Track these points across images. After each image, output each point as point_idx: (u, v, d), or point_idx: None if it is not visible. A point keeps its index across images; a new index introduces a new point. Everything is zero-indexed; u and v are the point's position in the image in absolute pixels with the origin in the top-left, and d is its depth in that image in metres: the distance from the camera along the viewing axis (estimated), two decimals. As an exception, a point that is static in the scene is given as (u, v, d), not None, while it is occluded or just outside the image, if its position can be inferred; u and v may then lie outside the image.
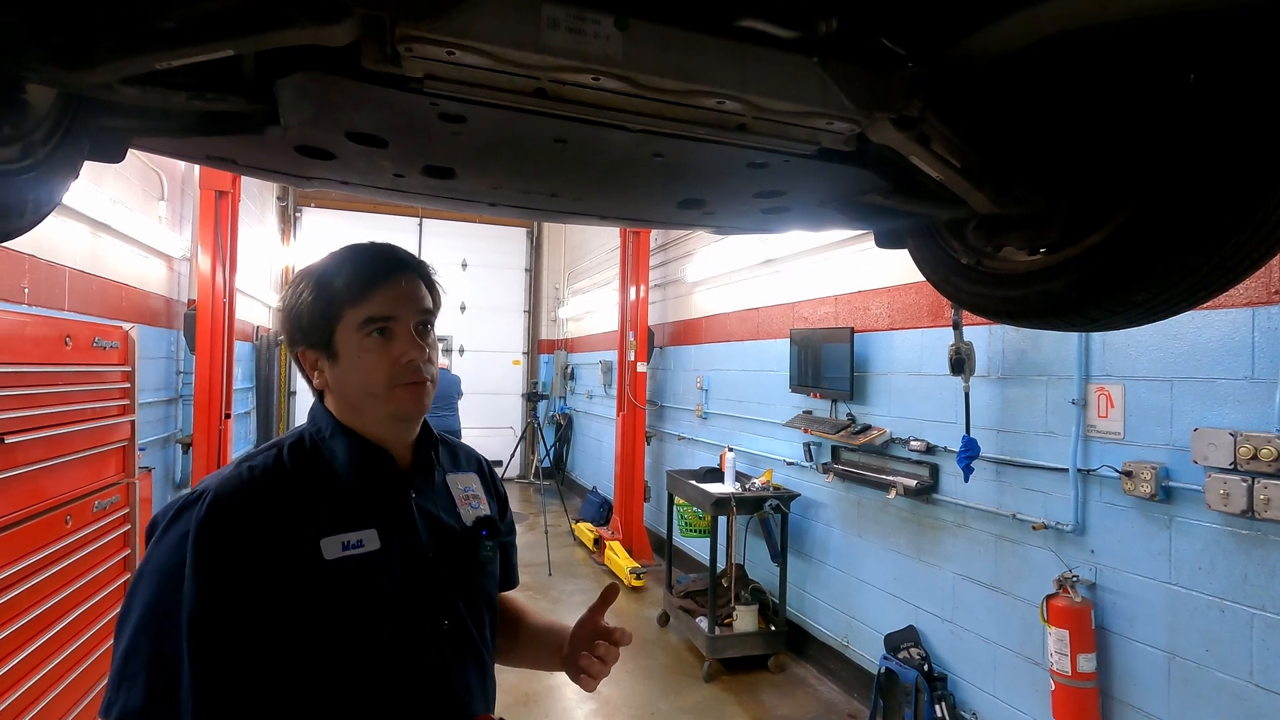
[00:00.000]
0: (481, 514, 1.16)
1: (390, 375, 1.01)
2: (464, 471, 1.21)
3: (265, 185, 8.88)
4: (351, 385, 1.03)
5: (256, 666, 0.90)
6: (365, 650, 0.97)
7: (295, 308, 1.04)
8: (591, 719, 3.80)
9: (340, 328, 1.01)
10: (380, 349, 1.01)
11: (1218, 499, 2.19)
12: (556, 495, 8.93)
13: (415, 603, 1.02)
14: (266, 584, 0.91)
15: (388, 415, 1.04)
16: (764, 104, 1.00)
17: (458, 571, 1.09)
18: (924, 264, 1.58)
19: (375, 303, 1.01)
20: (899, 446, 3.70)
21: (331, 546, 0.96)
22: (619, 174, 1.30)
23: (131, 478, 2.81)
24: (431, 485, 1.13)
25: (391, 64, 0.90)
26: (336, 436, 1.04)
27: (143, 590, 0.90)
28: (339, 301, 1.01)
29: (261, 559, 0.91)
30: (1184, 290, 1.07)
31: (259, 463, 0.99)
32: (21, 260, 3.26)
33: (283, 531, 0.94)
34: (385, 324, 1.01)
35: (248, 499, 0.94)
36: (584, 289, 9.86)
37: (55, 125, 0.95)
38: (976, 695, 3.23)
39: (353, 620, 0.96)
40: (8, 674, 1.99)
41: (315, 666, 0.94)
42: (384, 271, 1.04)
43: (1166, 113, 1.05)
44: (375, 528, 1.00)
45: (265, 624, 0.90)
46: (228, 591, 0.89)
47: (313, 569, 0.94)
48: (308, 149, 1.18)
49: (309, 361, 1.06)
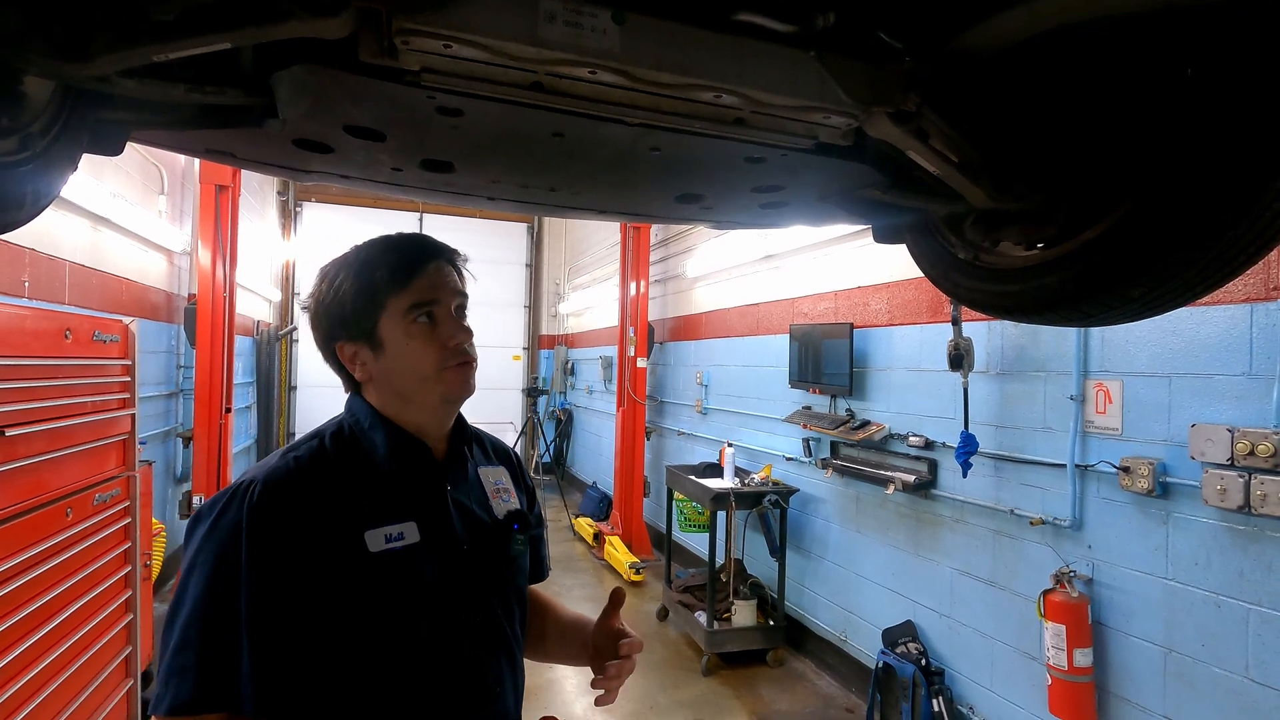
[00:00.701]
0: (512, 508, 1.17)
1: (440, 358, 1.03)
2: (493, 465, 1.22)
3: (265, 180, 8.87)
4: (402, 372, 1.04)
5: (306, 648, 0.92)
6: (403, 641, 0.98)
7: (334, 301, 1.05)
8: (590, 713, 3.82)
9: (384, 316, 1.03)
10: (427, 334, 1.03)
11: (1215, 494, 2.20)
12: (556, 490, 8.94)
13: (450, 595, 1.04)
14: (317, 572, 0.93)
15: (439, 398, 1.06)
16: (761, 98, 1.01)
17: (490, 565, 1.10)
18: (922, 259, 1.58)
19: (418, 289, 1.03)
20: (898, 442, 3.71)
21: (375, 539, 0.97)
22: (617, 168, 1.30)
23: (132, 471, 2.81)
24: (465, 477, 1.14)
25: (388, 57, 0.90)
26: (376, 428, 1.06)
27: (195, 582, 0.90)
28: (383, 290, 1.03)
29: (312, 547, 0.93)
30: (1181, 285, 1.07)
31: (304, 452, 1.01)
32: (22, 254, 3.27)
33: (330, 521, 0.96)
34: (430, 308, 1.04)
35: (297, 488, 0.96)
36: (584, 284, 9.86)
37: (54, 117, 0.95)
38: (974, 690, 3.24)
39: (393, 612, 0.98)
40: (8, 666, 2.00)
41: (356, 654, 0.95)
42: (422, 258, 1.06)
43: (1164, 107, 1.05)
44: (415, 520, 1.02)
45: (317, 611, 0.92)
46: (284, 579, 0.91)
47: (358, 560, 0.95)
48: (306, 142, 1.18)
49: (347, 355, 1.07)
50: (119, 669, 2.71)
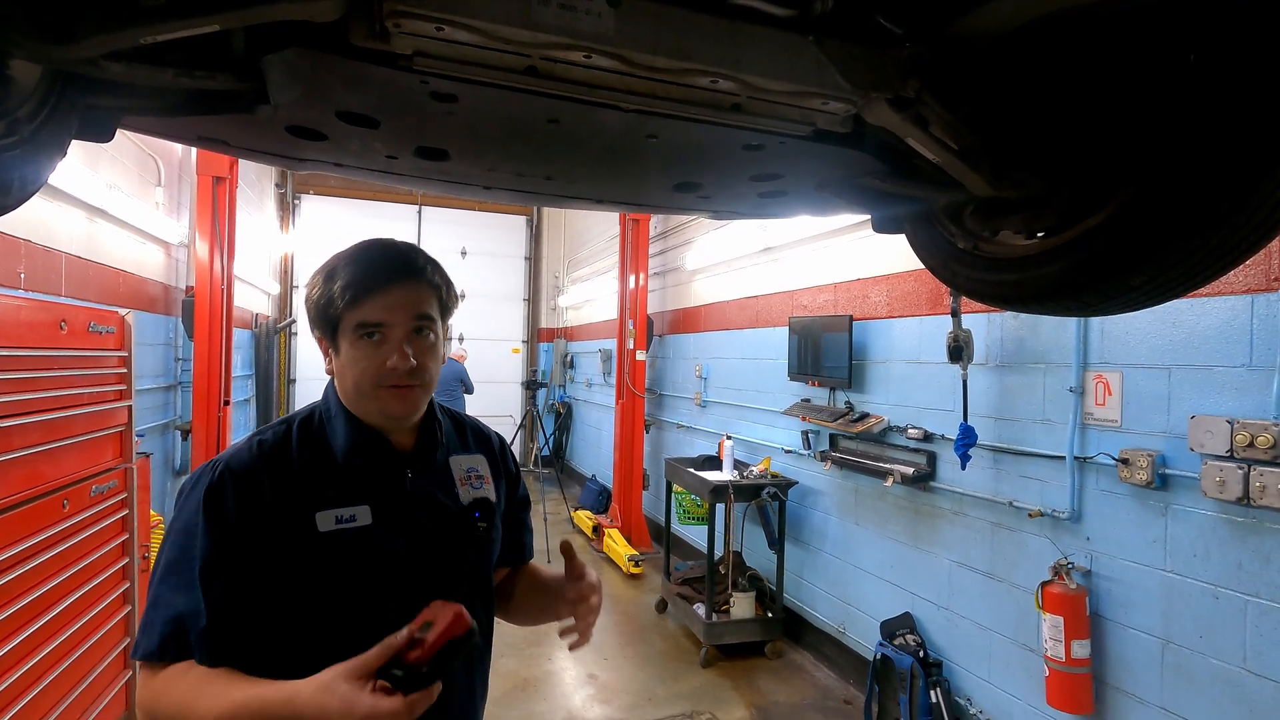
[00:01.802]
0: (480, 495, 1.21)
1: (376, 378, 1.07)
2: (471, 452, 1.26)
3: (263, 172, 8.84)
4: (347, 380, 1.10)
5: (258, 612, 1.00)
6: (354, 612, 1.04)
7: (309, 299, 1.12)
8: (589, 704, 3.83)
9: (341, 326, 1.08)
10: (370, 354, 1.07)
11: (1214, 486, 2.20)
12: (556, 483, 8.95)
13: (406, 575, 1.09)
14: (265, 545, 1.01)
15: (377, 412, 1.11)
16: (758, 83, 0.99)
17: (450, 548, 1.16)
18: (921, 249, 1.57)
19: (366, 309, 1.06)
20: (897, 434, 3.70)
21: (325, 520, 1.04)
22: (614, 156, 1.29)
23: (129, 463, 2.81)
24: (432, 466, 1.18)
25: (380, 40, 0.89)
26: (339, 418, 1.12)
27: (168, 548, 1.02)
28: (336, 304, 1.07)
29: (261, 522, 1.01)
30: (1181, 274, 1.06)
31: (269, 438, 1.09)
32: (18, 245, 3.25)
33: (282, 501, 1.03)
34: (376, 329, 1.07)
35: (253, 470, 1.04)
36: (583, 277, 9.84)
37: (41, 102, 0.93)
38: (971, 681, 3.25)
39: (345, 588, 1.05)
40: (6, 656, 2.00)
41: (309, 622, 1.03)
42: (382, 280, 1.07)
43: (1166, 93, 1.04)
44: (368, 504, 1.08)
45: (266, 578, 1.01)
46: (231, 546, 0.99)
47: (307, 538, 1.03)
48: (299, 129, 1.17)
49: (322, 347, 1.14)
50: (117, 660, 2.72)
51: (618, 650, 4.54)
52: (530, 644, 4.49)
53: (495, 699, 3.80)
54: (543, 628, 3.99)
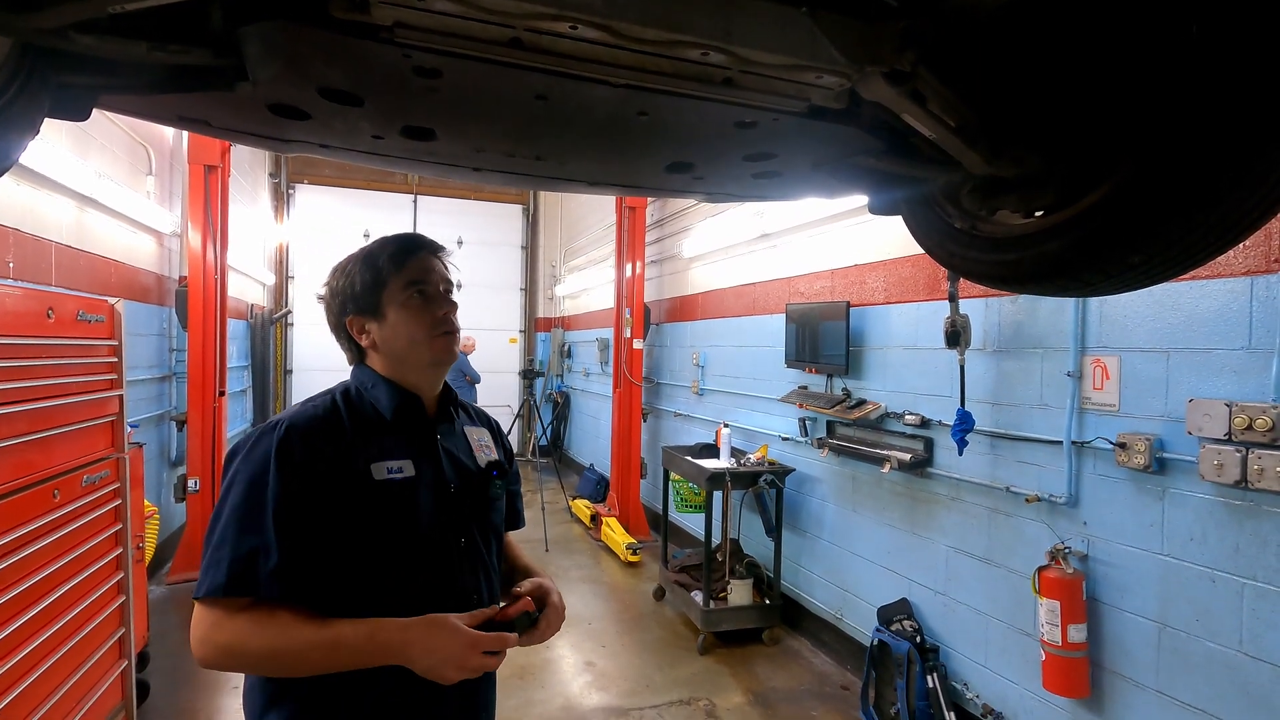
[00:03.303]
0: (493, 459, 1.40)
1: (431, 325, 1.26)
2: (477, 426, 1.45)
3: (256, 161, 8.77)
4: (399, 336, 1.26)
5: (324, 553, 1.11)
6: (400, 553, 1.19)
7: (347, 283, 1.28)
8: (587, 690, 3.84)
9: (386, 292, 1.26)
10: (420, 306, 1.26)
11: (1211, 470, 2.19)
12: (554, 472, 8.95)
13: (439, 521, 1.25)
14: (331, 490, 1.13)
15: (429, 360, 1.28)
16: (750, 56, 0.97)
17: (473, 502, 1.32)
18: (918, 230, 1.55)
19: (411, 269, 1.27)
20: (894, 421, 3.69)
21: (379, 470, 1.19)
22: (604, 135, 1.27)
23: (121, 453, 2.79)
24: (453, 431, 1.37)
25: (360, 12, 0.86)
26: (379, 386, 1.28)
27: (233, 495, 1.11)
28: (385, 271, 1.26)
29: (327, 473, 1.14)
30: (1181, 251, 1.04)
31: (320, 403, 1.23)
32: (6, 234, 3.22)
33: (342, 454, 1.17)
34: (421, 286, 1.27)
35: (315, 427, 1.18)
36: (580, 266, 9.80)
37: (10, 78, 0.91)
38: (968, 666, 3.26)
39: (393, 528, 1.19)
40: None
41: (362, 561, 1.15)
42: (414, 248, 1.30)
43: (1165, 66, 1.01)
44: (411, 459, 1.24)
45: (331, 520, 1.12)
46: (304, 489, 1.11)
47: (365, 485, 1.17)
48: (282, 108, 1.14)
49: (356, 327, 1.29)
50: (112, 650, 2.71)
51: (615, 638, 4.54)
52: (528, 632, 4.50)
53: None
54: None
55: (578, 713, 3.61)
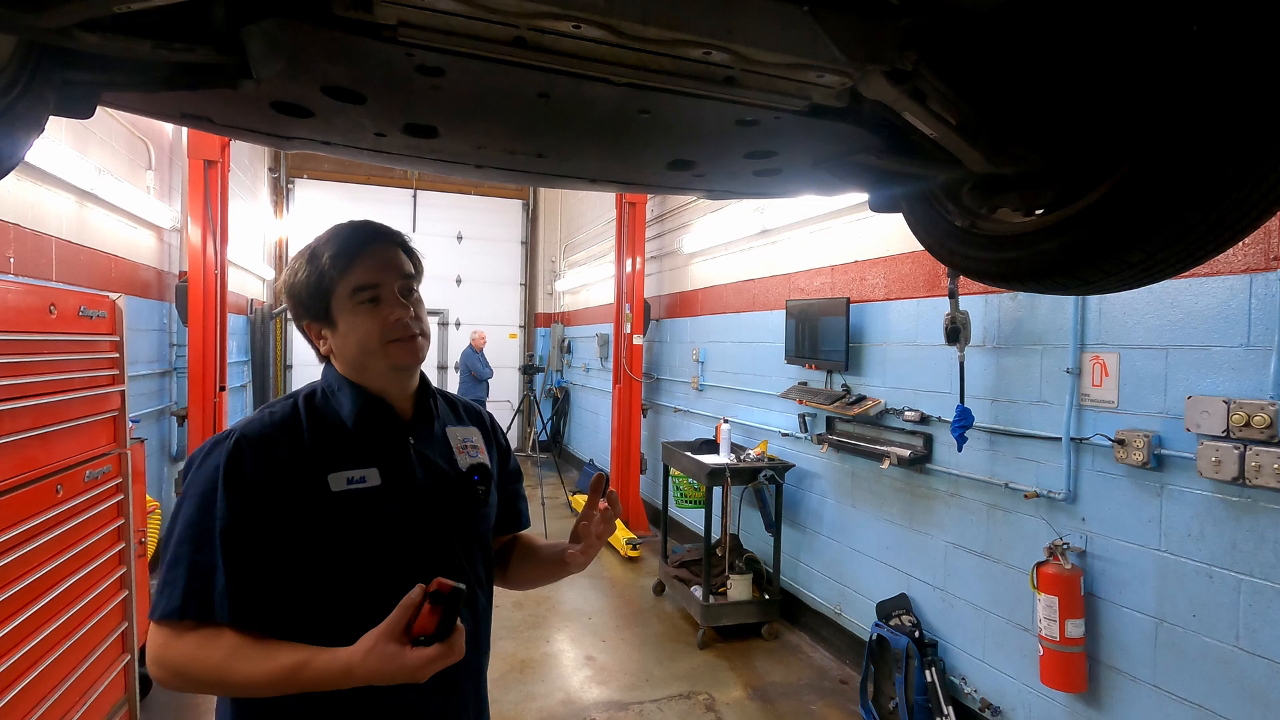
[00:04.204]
0: (477, 462, 1.28)
1: (383, 333, 1.14)
2: (464, 425, 1.34)
3: (256, 156, 8.75)
4: (352, 346, 1.16)
5: (277, 572, 1.04)
6: (367, 569, 1.10)
7: (294, 285, 1.17)
8: (587, 684, 3.86)
9: (334, 298, 1.14)
10: (370, 313, 1.14)
11: (1209, 466, 2.20)
12: (553, 468, 8.97)
13: (410, 534, 1.15)
14: (283, 506, 1.05)
15: (388, 368, 1.17)
16: (752, 54, 0.97)
17: (451, 510, 1.22)
18: (918, 227, 1.56)
19: (359, 272, 1.14)
20: (893, 417, 3.70)
21: (337, 480, 1.10)
22: (606, 132, 1.27)
23: (123, 448, 2.80)
24: (431, 434, 1.25)
25: (363, 10, 0.86)
26: (344, 390, 1.18)
27: (184, 512, 1.04)
28: (328, 275, 1.14)
29: (278, 485, 1.06)
30: (1182, 250, 1.04)
31: (279, 409, 1.15)
32: (7, 230, 3.22)
33: (296, 465, 1.08)
34: (372, 290, 1.14)
35: (268, 437, 1.09)
36: (580, 262, 9.80)
37: (15, 76, 0.91)
38: (966, 661, 3.27)
39: (357, 544, 1.10)
40: (2, 640, 2.00)
41: (325, 581, 1.08)
42: (363, 244, 1.16)
43: (1166, 64, 1.02)
44: (376, 467, 1.14)
45: (284, 539, 1.05)
46: (251, 508, 1.03)
47: (321, 498, 1.08)
48: (284, 105, 1.15)
49: (313, 332, 1.20)
50: (115, 644, 2.72)
51: (615, 632, 4.56)
52: (528, 626, 4.52)
53: (494, 681, 3.81)
54: (541, 611, 4.03)
55: (578, 707, 3.63)
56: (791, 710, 3.62)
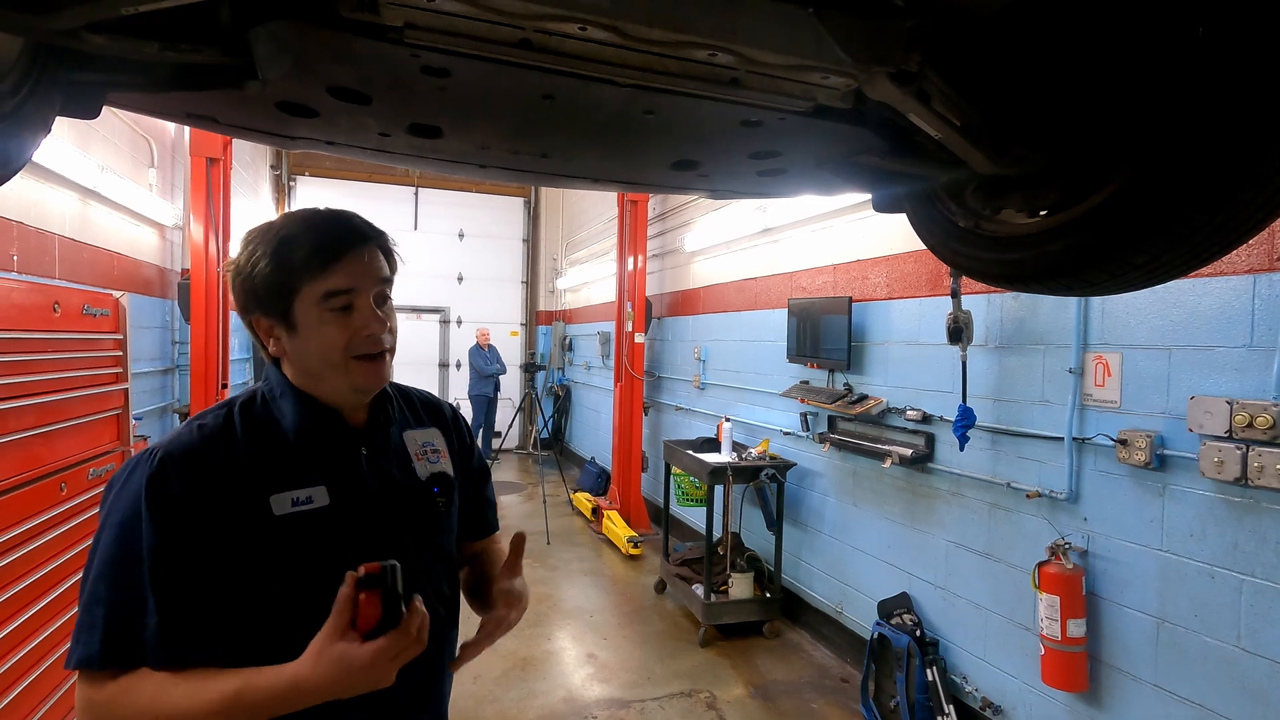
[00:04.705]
0: (437, 469, 1.17)
1: (349, 346, 1.02)
2: (424, 427, 1.21)
3: (258, 154, 8.75)
4: (311, 356, 1.03)
5: (215, 609, 0.93)
6: (315, 598, 0.94)
7: (250, 275, 1.01)
8: (588, 683, 3.87)
9: (299, 300, 1.00)
10: (341, 322, 1.01)
11: (1212, 467, 2.20)
12: (555, 466, 8.98)
13: (365, 555, 0.99)
14: (218, 534, 0.94)
15: (348, 387, 1.05)
16: (757, 56, 0.97)
17: (409, 525, 1.11)
18: (922, 228, 1.56)
19: (337, 276, 1.00)
20: (895, 416, 3.70)
21: (281, 503, 0.98)
22: (610, 133, 1.27)
23: (126, 446, 2.81)
24: (387, 442, 1.13)
25: (369, 12, 0.87)
26: (285, 397, 1.05)
27: (103, 544, 0.93)
28: (299, 273, 0.99)
29: (210, 511, 0.94)
30: (1185, 252, 1.04)
31: (210, 422, 1.01)
32: (10, 227, 3.22)
33: (231, 487, 0.96)
34: (347, 298, 1.01)
35: (196, 456, 0.96)
36: (581, 260, 9.80)
37: (23, 77, 0.91)
38: (967, 660, 3.28)
39: (306, 572, 0.98)
40: (5, 639, 2.00)
41: (267, 612, 0.96)
42: (346, 244, 1.02)
43: (1172, 65, 1.02)
44: (324, 484, 1.02)
45: (220, 571, 0.93)
46: (182, 536, 0.92)
47: (263, 524, 0.97)
48: (289, 105, 1.15)
49: (263, 328, 1.05)
50: (119, 642, 2.73)
51: (617, 630, 4.57)
52: (529, 624, 4.53)
53: (495, 679, 3.84)
54: (542, 609, 4.01)
55: (579, 704, 3.64)
56: (793, 708, 3.63)
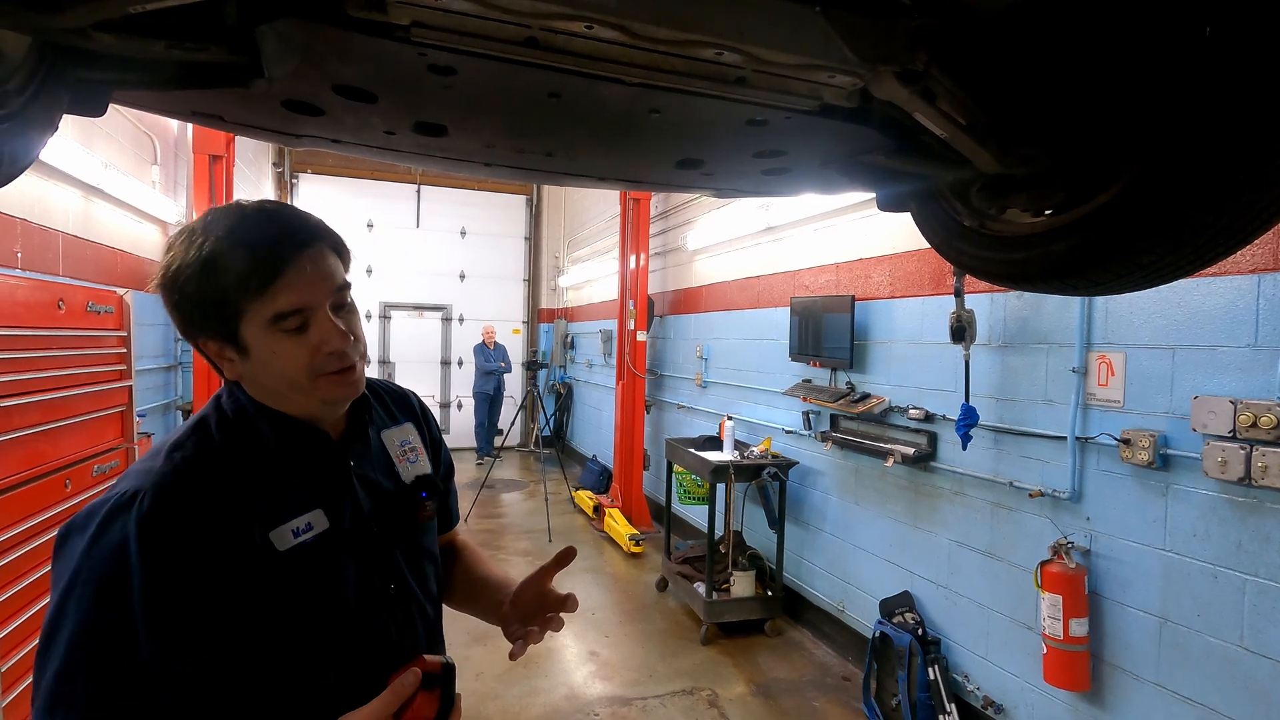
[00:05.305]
0: (421, 471, 1.12)
1: (312, 366, 0.90)
2: (399, 424, 1.14)
3: (260, 151, 8.75)
4: (271, 378, 0.92)
5: (226, 664, 0.85)
6: (326, 626, 0.93)
7: (182, 299, 0.88)
8: (590, 680, 3.87)
9: (245, 323, 0.87)
10: (297, 341, 0.88)
11: (1215, 466, 2.19)
12: (556, 463, 8.98)
13: (365, 576, 0.98)
14: (225, 581, 0.84)
15: (319, 402, 0.95)
16: (764, 55, 0.97)
17: (399, 533, 1.06)
18: (926, 227, 1.55)
19: (282, 297, 0.86)
20: (898, 415, 3.70)
21: (283, 537, 0.89)
22: (615, 132, 1.27)
23: (131, 443, 2.82)
24: (368, 448, 1.06)
25: (377, 10, 0.87)
26: (260, 418, 0.94)
27: (76, 604, 0.79)
28: (234, 300, 0.85)
29: (216, 556, 0.83)
30: (1191, 252, 1.04)
31: (190, 449, 0.89)
32: (14, 224, 3.23)
33: (231, 524, 0.86)
34: (299, 316, 0.87)
35: (188, 494, 0.84)
36: (584, 257, 9.79)
37: (30, 75, 0.91)
38: (969, 659, 3.28)
39: (310, 602, 0.92)
40: (9, 636, 2.01)
41: (272, 652, 0.89)
42: (283, 257, 0.86)
43: (1178, 64, 1.01)
44: (321, 508, 0.94)
45: (230, 621, 0.84)
46: (191, 595, 0.81)
47: (269, 562, 0.88)
48: (295, 104, 1.15)
49: (213, 351, 0.92)
50: (123, 638, 2.74)
51: (618, 628, 4.58)
52: (532, 622, 4.53)
53: (496, 676, 3.85)
54: (544, 606, 3.84)
55: (581, 702, 3.64)
56: (794, 707, 3.63)
